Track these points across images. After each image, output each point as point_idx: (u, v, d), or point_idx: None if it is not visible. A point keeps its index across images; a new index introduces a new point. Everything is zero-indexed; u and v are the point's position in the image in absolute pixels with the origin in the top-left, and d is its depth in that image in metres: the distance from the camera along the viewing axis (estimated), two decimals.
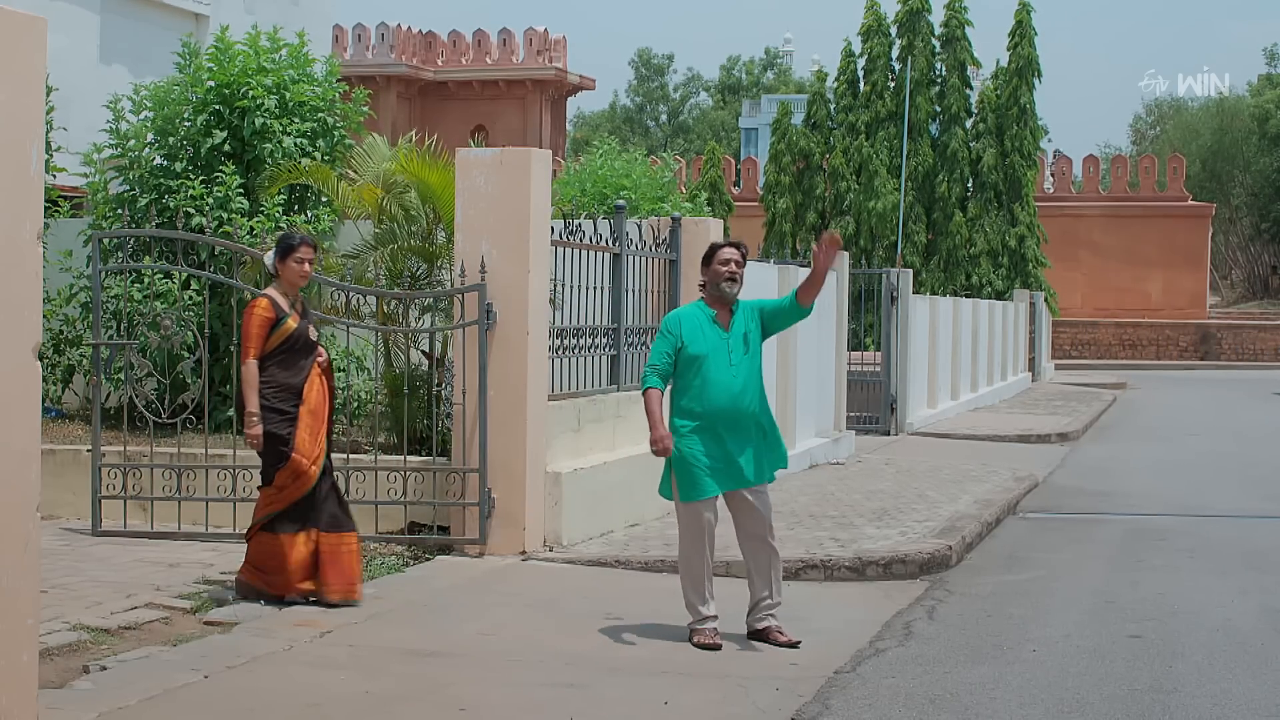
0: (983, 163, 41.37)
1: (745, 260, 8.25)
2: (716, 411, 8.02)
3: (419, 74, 46.42)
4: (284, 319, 8.64)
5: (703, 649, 7.96)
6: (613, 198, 19.73)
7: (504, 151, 10.57)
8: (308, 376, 8.69)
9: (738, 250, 8.22)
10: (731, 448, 8.04)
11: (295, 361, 8.67)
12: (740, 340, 8.11)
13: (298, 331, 8.68)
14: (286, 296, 8.76)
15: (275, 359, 8.62)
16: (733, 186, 48.13)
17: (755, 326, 8.18)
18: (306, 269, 8.78)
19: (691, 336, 8.09)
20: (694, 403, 8.06)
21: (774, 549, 8.23)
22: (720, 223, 14.50)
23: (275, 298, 8.70)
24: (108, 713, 6.33)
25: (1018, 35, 41.74)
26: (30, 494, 5.78)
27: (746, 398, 8.07)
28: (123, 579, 9.00)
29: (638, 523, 11.70)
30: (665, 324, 8.25)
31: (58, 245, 12.76)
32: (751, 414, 8.08)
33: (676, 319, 8.22)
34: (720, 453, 8.03)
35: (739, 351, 8.08)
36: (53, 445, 11.21)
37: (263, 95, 12.98)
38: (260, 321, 8.59)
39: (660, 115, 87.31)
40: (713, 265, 8.17)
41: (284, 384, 8.60)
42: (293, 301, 8.78)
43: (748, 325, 8.16)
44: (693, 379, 8.07)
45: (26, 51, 5.70)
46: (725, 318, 8.15)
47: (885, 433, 21.15)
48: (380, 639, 7.92)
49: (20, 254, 5.69)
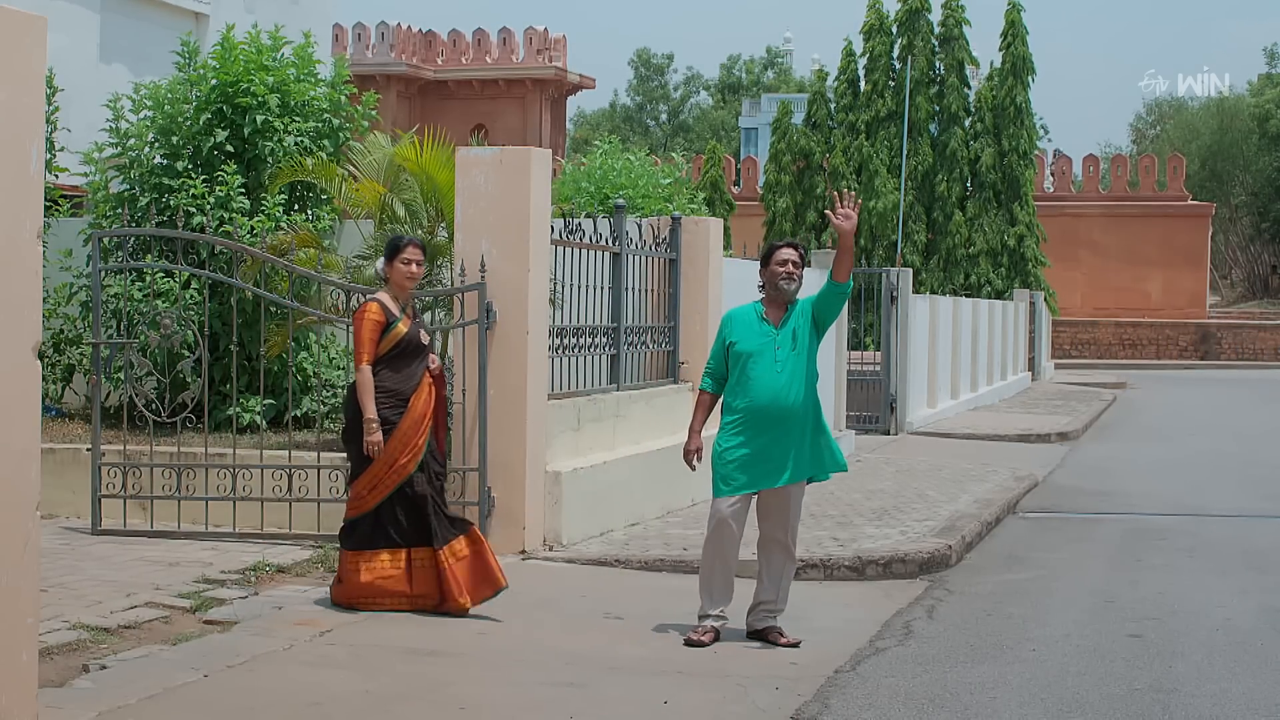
0: (981, 162, 41.38)
1: (804, 260, 8.29)
2: (758, 408, 8.02)
3: (419, 73, 46.42)
4: (394, 323, 8.45)
5: (689, 645, 7.98)
6: (613, 197, 19.72)
7: (504, 151, 10.57)
8: (418, 384, 8.50)
9: (795, 250, 8.27)
10: (771, 446, 8.02)
11: (406, 366, 8.49)
12: (788, 337, 8.10)
13: (409, 335, 8.49)
14: (397, 300, 8.58)
15: (385, 364, 8.44)
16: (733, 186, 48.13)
17: (805, 322, 8.15)
18: (414, 270, 8.61)
19: (739, 334, 8.16)
20: (737, 399, 8.11)
21: (790, 555, 8.23)
22: (720, 222, 14.50)
23: (385, 301, 8.52)
24: (107, 711, 6.33)
25: (1010, 35, 41.76)
26: (30, 493, 5.78)
27: (791, 395, 8.03)
28: (122, 578, 9.00)
29: (638, 522, 11.70)
30: (721, 324, 8.35)
31: (58, 244, 12.76)
32: (797, 411, 8.04)
33: (729, 318, 8.30)
34: (757, 451, 8.02)
35: (786, 348, 8.08)
36: (53, 444, 11.21)
37: (265, 94, 12.98)
38: (372, 326, 8.39)
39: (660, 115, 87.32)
40: (770, 265, 8.22)
41: (393, 390, 8.42)
42: (403, 305, 8.61)
43: (798, 322, 8.15)
44: (739, 376, 8.12)
45: (26, 50, 5.70)
46: (776, 315, 8.17)
47: (885, 432, 21.15)
48: (380, 638, 7.92)
49: (20, 253, 5.69)
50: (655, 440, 12.42)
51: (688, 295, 13.38)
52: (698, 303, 13.47)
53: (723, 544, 8.12)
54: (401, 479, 8.43)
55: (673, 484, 12.38)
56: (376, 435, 8.33)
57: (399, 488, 8.44)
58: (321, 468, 10.39)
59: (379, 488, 8.44)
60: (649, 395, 12.67)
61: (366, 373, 8.38)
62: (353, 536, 8.52)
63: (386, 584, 8.46)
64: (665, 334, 13.23)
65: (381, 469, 8.43)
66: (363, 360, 8.40)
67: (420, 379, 8.53)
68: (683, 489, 12.56)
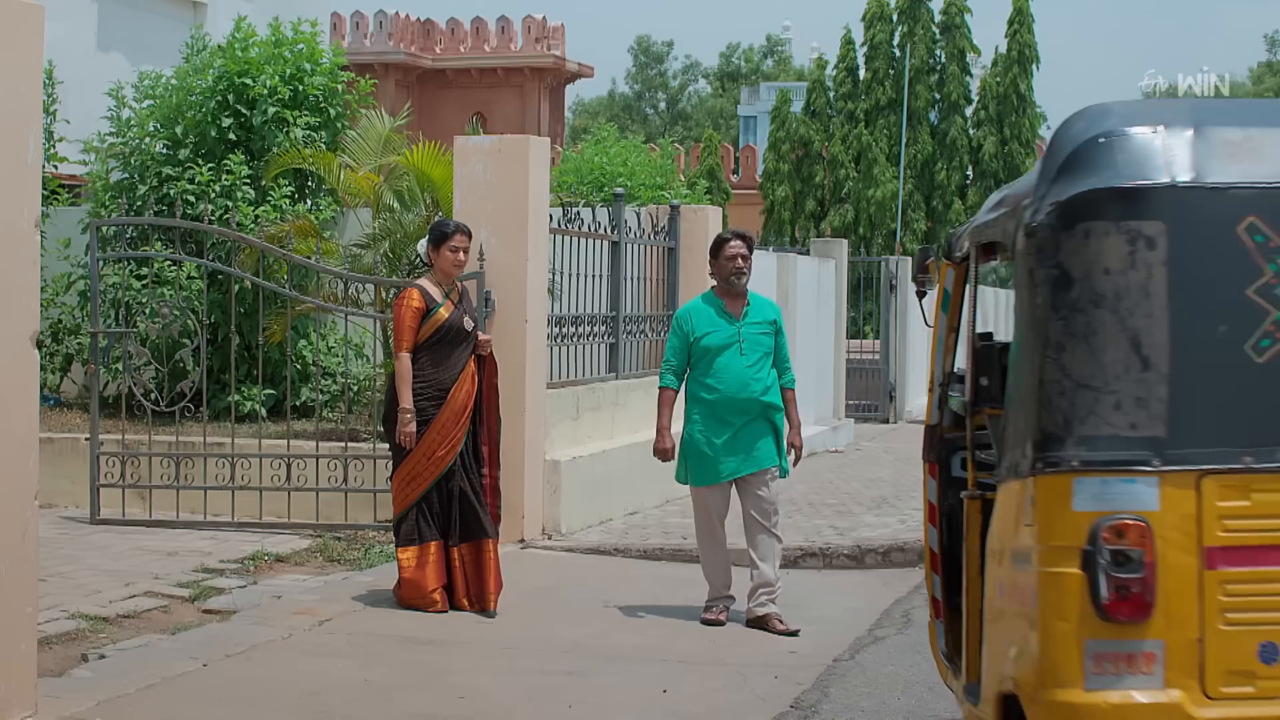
0: (982, 151, 41.33)
1: (752, 249, 8.36)
2: (726, 399, 8.13)
3: (417, 61, 46.36)
4: (435, 309, 8.27)
5: (706, 624, 8.14)
6: (610, 185, 19.71)
7: (502, 139, 10.55)
8: (459, 375, 8.32)
9: (743, 242, 8.31)
10: (740, 434, 8.13)
11: (449, 354, 8.30)
12: (752, 330, 8.20)
13: (450, 322, 8.31)
14: (440, 286, 8.39)
15: (425, 352, 8.25)
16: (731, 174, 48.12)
17: (768, 332, 8.25)
18: (461, 257, 8.46)
19: (703, 328, 8.22)
20: (705, 390, 8.19)
21: (775, 535, 8.27)
22: (719, 210, 14.50)
23: (427, 287, 8.34)
24: (106, 701, 6.33)
25: (1017, 22, 41.66)
26: (28, 482, 5.78)
27: (757, 385, 8.14)
28: (121, 567, 9.00)
29: (636, 510, 11.70)
30: (676, 320, 8.40)
31: (56, 234, 12.75)
32: (761, 401, 8.15)
33: (687, 313, 8.35)
34: (728, 440, 8.13)
35: (750, 341, 8.18)
36: (51, 434, 11.19)
37: (279, 85, 12.96)
38: (411, 313, 8.21)
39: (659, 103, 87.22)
40: (720, 259, 8.28)
41: (432, 379, 8.24)
42: (447, 291, 8.42)
43: (762, 324, 8.25)
44: (706, 368, 8.19)
45: (24, 39, 5.69)
46: (736, 307, 8.26)
47: (884, 420, 21.16)
48: (379, 627, 7.92)
49: (18, 242, 5.69)
50: (654, 429, 12.39)
51: (686, 284, 13.36)
52: (696, 291, 13.41)
53: (715, 527, 8.27)
54: (440, 471, 8.28)
55: (672, 473, 12.38)
56: (411, 426, 8.16)
57: (438, 480, 8.30)
58: (320, 457, 10.38)
59: (417, 480, 8.28)
60: (648, 384, 12.63)
61: (405, 361, 8.20)
62: (400, 531, 8.35)
63: (432, 579, 8.29)
64: (664, 323, 13.21)
65: (420, 461, 8.26)
66: (401, 347, 8.21)
67: (462, 369, 8.36)
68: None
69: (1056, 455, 4.23)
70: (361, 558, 9.59)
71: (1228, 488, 4.18)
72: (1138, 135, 4.36)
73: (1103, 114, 4.48)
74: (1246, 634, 4.16)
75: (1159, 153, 4.32)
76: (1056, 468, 4.23)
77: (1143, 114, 4.47)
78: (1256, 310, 4.23)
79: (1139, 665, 4.14)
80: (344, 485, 10.33)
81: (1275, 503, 4.19)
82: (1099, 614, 4.13)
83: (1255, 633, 4.17)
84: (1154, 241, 4.23)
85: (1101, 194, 4.29)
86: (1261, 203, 4.26)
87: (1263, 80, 69.53)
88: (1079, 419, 4.23)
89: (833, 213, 40.98)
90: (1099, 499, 4.19)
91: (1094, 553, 4.13)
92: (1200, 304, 4.24)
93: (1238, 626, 4.16)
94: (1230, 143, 4.37)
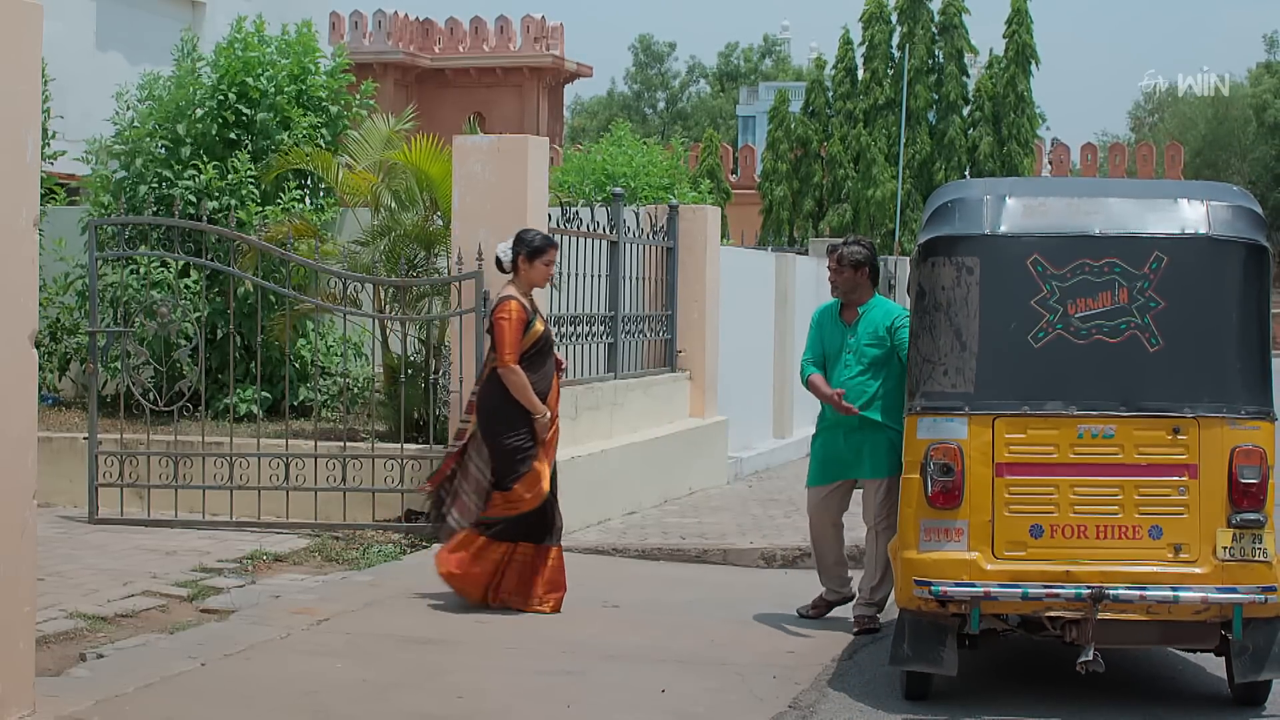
0: (980, 151, 41.36)
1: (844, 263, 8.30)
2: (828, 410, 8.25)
3: (416, 61, 46.35)
4: (533, 320, 8.29)
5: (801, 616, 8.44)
6: (610, 185, 19.70)
7: (501, 139, 10.55)
8: (551, 384, 8.39)
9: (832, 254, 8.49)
10: (850, 440, 8.16)
11: (542, 365, 8.34)
12: (864, 338, 8.18)
13: (545, 333, 8.38)
14: (527, 297, 8.40)
15: (524, 363, 8.25)
16: (730, 174, 48.11)
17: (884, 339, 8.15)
18: (551, 271, 8.57)
19: (823, 333, 8.37)
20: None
21: (878, 541, 8.17)
22: (718, 210, 14.50)
23: (522, 300, 8.34)
24: (105, 700, 6.33)
25: (1015, 23, 41.69)
26: (27, 481, 5.78)
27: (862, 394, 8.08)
28: (119, 566, 8.99)
29: (635, 510, 11.70)
30: (812, 319, 8.57)
31: (55, 233, 12.74)
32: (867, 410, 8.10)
33: (817, 314, 8.55)
34: (838, 444, 8.21)
35: (860, 349, 8.17)
36: (49, 433, 11.18)
37: (285, 84, 12.94)
38: (518, 324, 8.19)
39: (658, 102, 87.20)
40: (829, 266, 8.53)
41: (535, 390, 8.26)
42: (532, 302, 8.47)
43: (876, 332, 8.18)
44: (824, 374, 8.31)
45: (23, 39, 5.69)
46: (850, 315, 8.30)
47: None
48: (377, 626, 7.92)
49: (16, 241, 5.68)
50: (653, 429, 12.42)
51: (685, 283, 13.37)
52: (695, 291, 13.46)
53: (825, 528, 8.43)
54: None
55: (670, 472, 12.40)
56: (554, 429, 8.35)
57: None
58: (319, 456, 10.38)
59: (538, 489, 8.30)
60: (646, 384, 12.66)
61: (520, 372, 8.18)
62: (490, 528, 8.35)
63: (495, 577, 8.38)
64: (663, 322, 13.22)
65: (541, 470, 8.31)
66: (510, 360, 8.17)
67: (553, 378, 8.44)
68: (680, 478, 12.58)
69: (911, 404, 6.72)
70: (360, 557, 9.59)
71: (1012, 425, 6.52)
72: (970, 201, 6.76)
73: (956, 187, 7.04)
74: (1021, 519, 6.50)
75: (982, 213, 6.69)
76: (911, 412, 6.70)
77: (977, 188, 6.89)
78: (1036, 314, 6.55)
79: (952, 536, 6.54)
80: (342, 485, 10.33)
81: (1042, 436, 6.50)
82: (929, 503, 6.56)
83: (1027, 517, 6.50)
84: (972, 269, 6.60)
85: (943, 240, 6.71)
86: (1043, 244, 6.60)
87: (1260, 81, 69.48)
88: (924, 381, 6.66)
89: (831, 212, 40.99)
90: (931, 430, 6.59)
91: (926, 464, 6.54)
92: (1000, 310, 6.58)
93: (1016, 513, 6.50)
94: (1027, 205, 6.72)
